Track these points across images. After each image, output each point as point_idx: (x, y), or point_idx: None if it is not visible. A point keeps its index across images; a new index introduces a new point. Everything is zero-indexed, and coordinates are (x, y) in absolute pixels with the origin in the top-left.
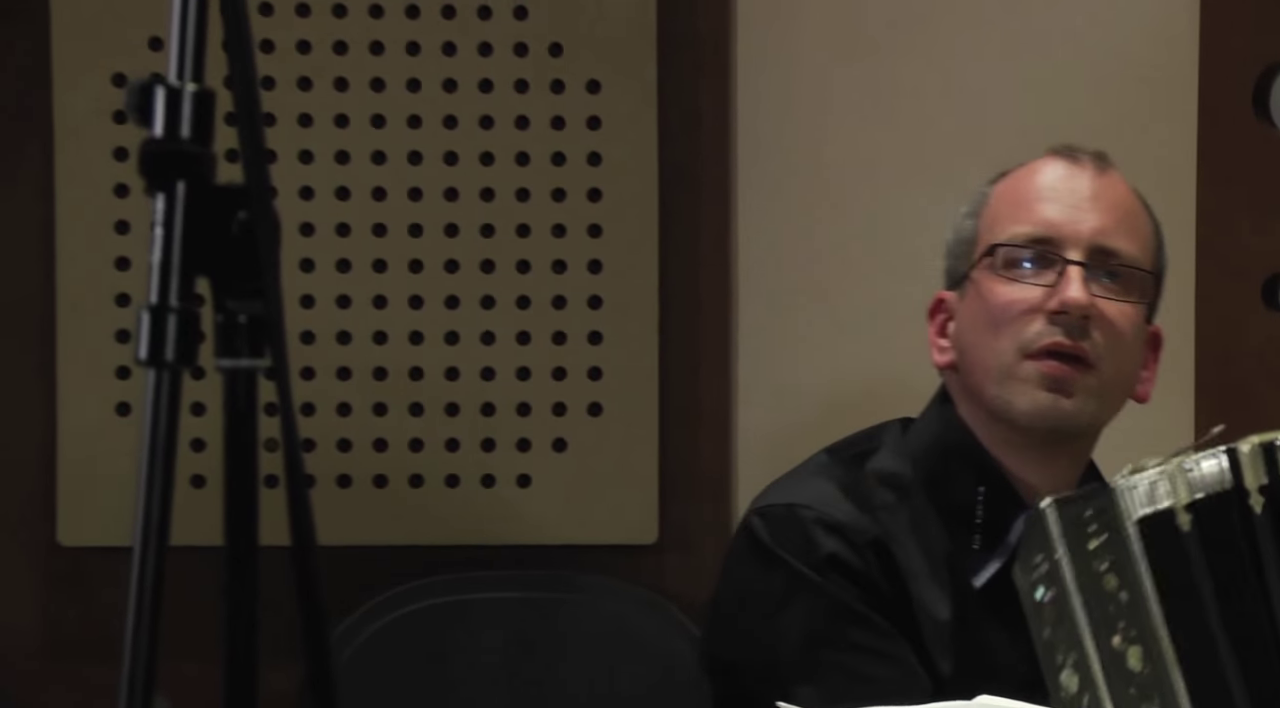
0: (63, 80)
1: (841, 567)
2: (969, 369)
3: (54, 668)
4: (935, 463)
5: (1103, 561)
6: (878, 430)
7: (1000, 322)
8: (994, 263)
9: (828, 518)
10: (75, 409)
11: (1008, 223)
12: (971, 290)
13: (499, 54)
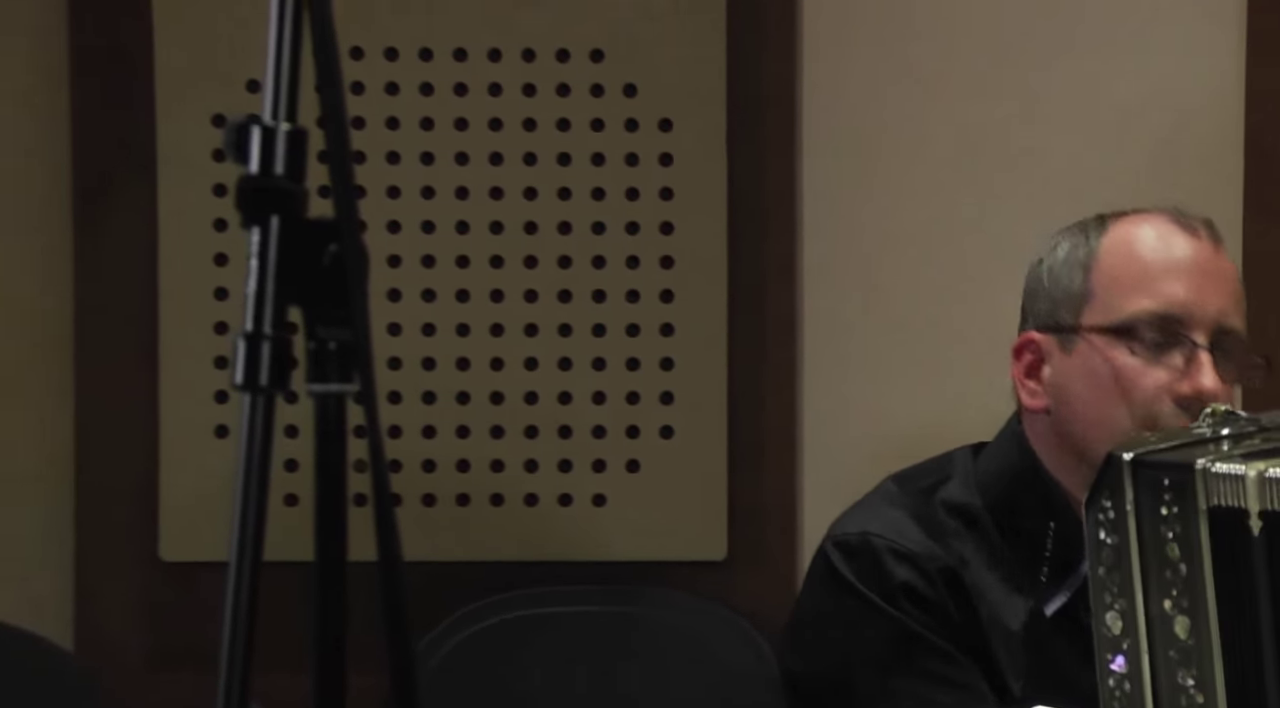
0: (166, 120)
1: (913, 595)
2: (1072, 421)
3: (157, 677)
4: (1006, 495)
5: (1170, 529)
6: (948, 459)
7: (1125, 392)
8: (1116, 331)
9: (899, 547)
10: (177, 431)
11: (1132, 294)
12: (1083, 349)
13: (576, 95)
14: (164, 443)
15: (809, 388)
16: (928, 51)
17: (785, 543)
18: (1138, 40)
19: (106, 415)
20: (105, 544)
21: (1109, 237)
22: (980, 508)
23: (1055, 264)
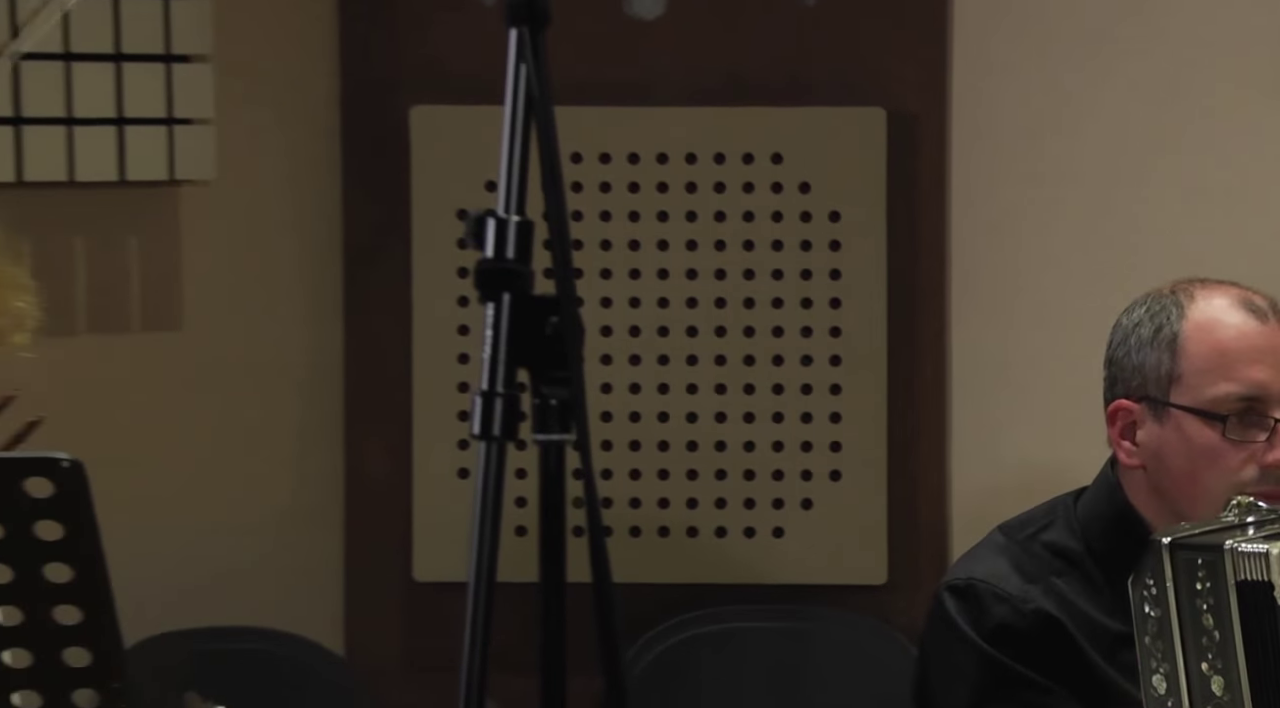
0: (419, 213)
1: (1008, 633)
2: (1168, 483)
3: (411, 677)
4: (1105, 538)
5: (1204, 601)
6: (1050, 507)
7: (1216, 463)
8: (1204, 413)
9: (999, 591)
10: (427, 473)
11: (1218, 380)
12: (1174, 422)
13: (759, 190)
14: (416, 483)
15: (956, 438)
16: (1066, 144)
17: (936, 569)
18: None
19: (370, 461)
20: (369, 567)
21: (1189, 322)
22: (1081, 551)
23: (1141, 340)
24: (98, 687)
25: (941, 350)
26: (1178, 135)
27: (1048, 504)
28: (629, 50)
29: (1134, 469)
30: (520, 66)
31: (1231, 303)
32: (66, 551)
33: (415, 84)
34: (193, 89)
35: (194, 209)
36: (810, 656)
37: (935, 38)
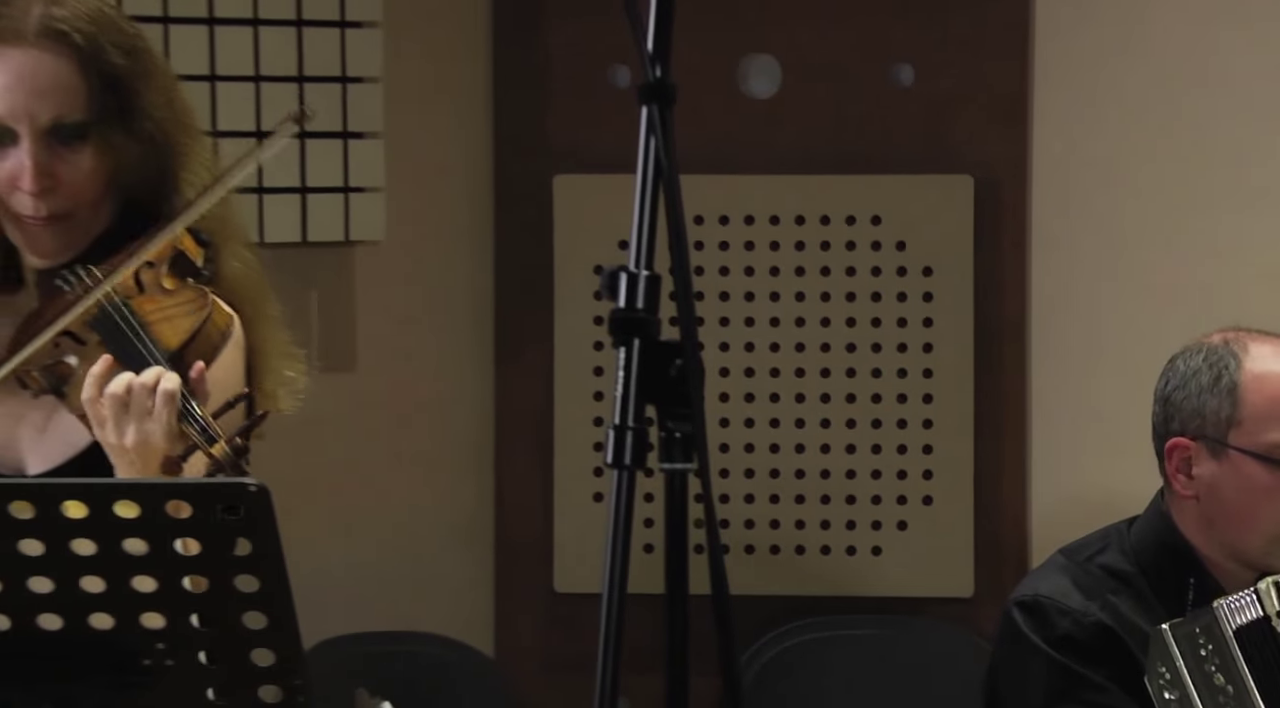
0: (560, 270)
1: (1071, 643)
2: (1222, 516)
3: (552, 677)
4: (1156, 561)
5: (1211, 664)
6: (1105, 533)
7: (1269, 500)
8: (1261, 456)
9: (1063, 605)
10: (566, 496)
11: (1274, 426)
12: (1231, 461)
13: (860, 248)
14: (557, 506)
15: (1035, 467)
16: (1135, 206)
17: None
18: None
19: (516, 487)
20: (516, 579)
21: (1246, 373)
22: (1134, 572)
23: (1201, 386)
24: (281, 684)
25: (1022, 390)
26: (1241, 195)
27: (1102, 531)
28: (746, 125)
29: (1187, 501)
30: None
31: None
32: (254, 564)
33: (558, 156)
34: (366, 161)
35: (366, 266)
36: (904, 661)
37: (1017, 113)
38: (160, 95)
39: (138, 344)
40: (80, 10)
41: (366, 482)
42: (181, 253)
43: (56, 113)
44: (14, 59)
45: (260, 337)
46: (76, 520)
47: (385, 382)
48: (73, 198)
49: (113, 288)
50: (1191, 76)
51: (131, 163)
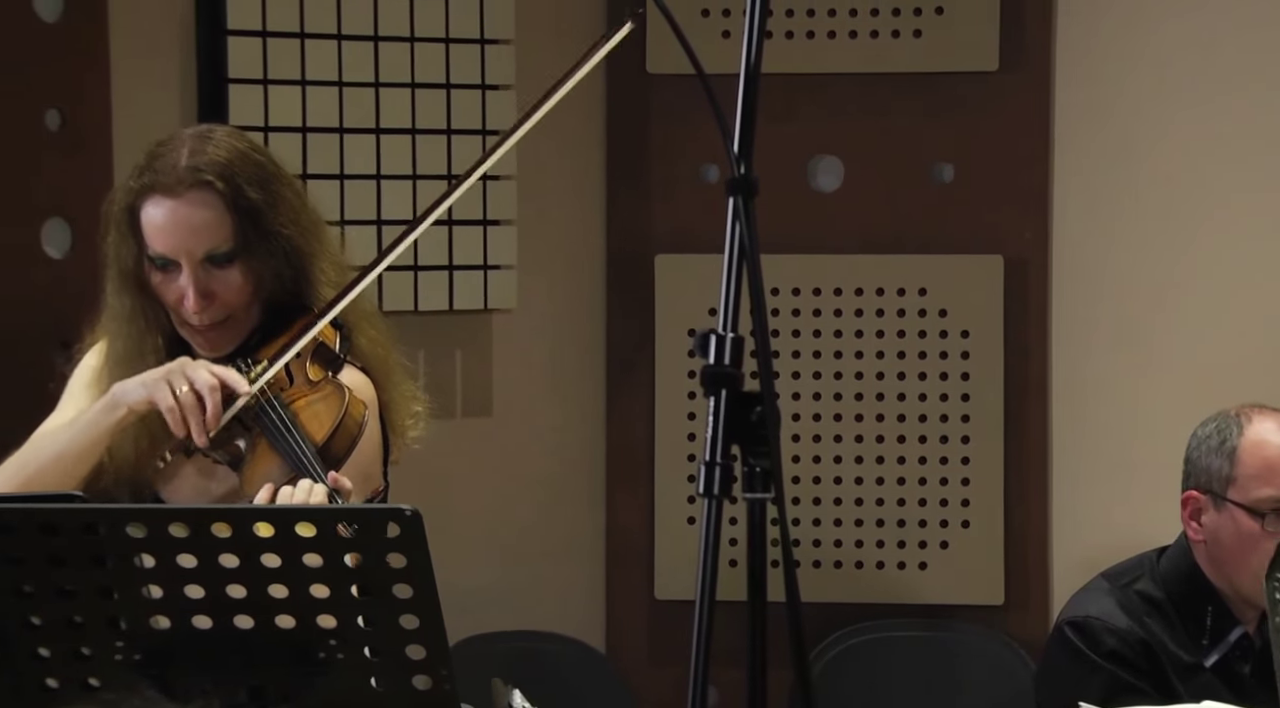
0: (661, 332)
1: (1118, 657)
2: (1221, 556)
3: (654, 673)
4: (1180, 591)
5: None
6: (1139, 561)
7: (1255, 547)
8: (1249, 509)
9: (1110, 625)
10: (665, 519)
11: (1263, 484)
12: (1229, 512)
13: (909, 315)
14: (657, 527)
15: (1055, 497)
16: (1148, 286)
17: (1040, 593)
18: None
19: (624, 511)
20: (623, 588)
21: (1245, 439)
22: (1164, 599)
23: (1210, 448)
24: (430, 674)
25: (1044, 436)
26: (1238, 275)
27: (1136, 559)
28: (815, 213)
29: (1199, 544)
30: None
31: (1278, 423)
32: (408, 575)
33: (659, 238)
34: (502, 244)
35: (501, 330)
36: (944, 658)
37: (1040, 205)
38: (289, 215)
39: (290, 440)
40: (218, 157)
41: (500, 507)
42: (322, 343)
43: (208, 247)
44: (170, 207)
45: (389, 391)
46: (264, 538)
47: (516, 425)
48: (226, 308)
49: (269, 387)
50: (1190, 177)
51: (272, 273)
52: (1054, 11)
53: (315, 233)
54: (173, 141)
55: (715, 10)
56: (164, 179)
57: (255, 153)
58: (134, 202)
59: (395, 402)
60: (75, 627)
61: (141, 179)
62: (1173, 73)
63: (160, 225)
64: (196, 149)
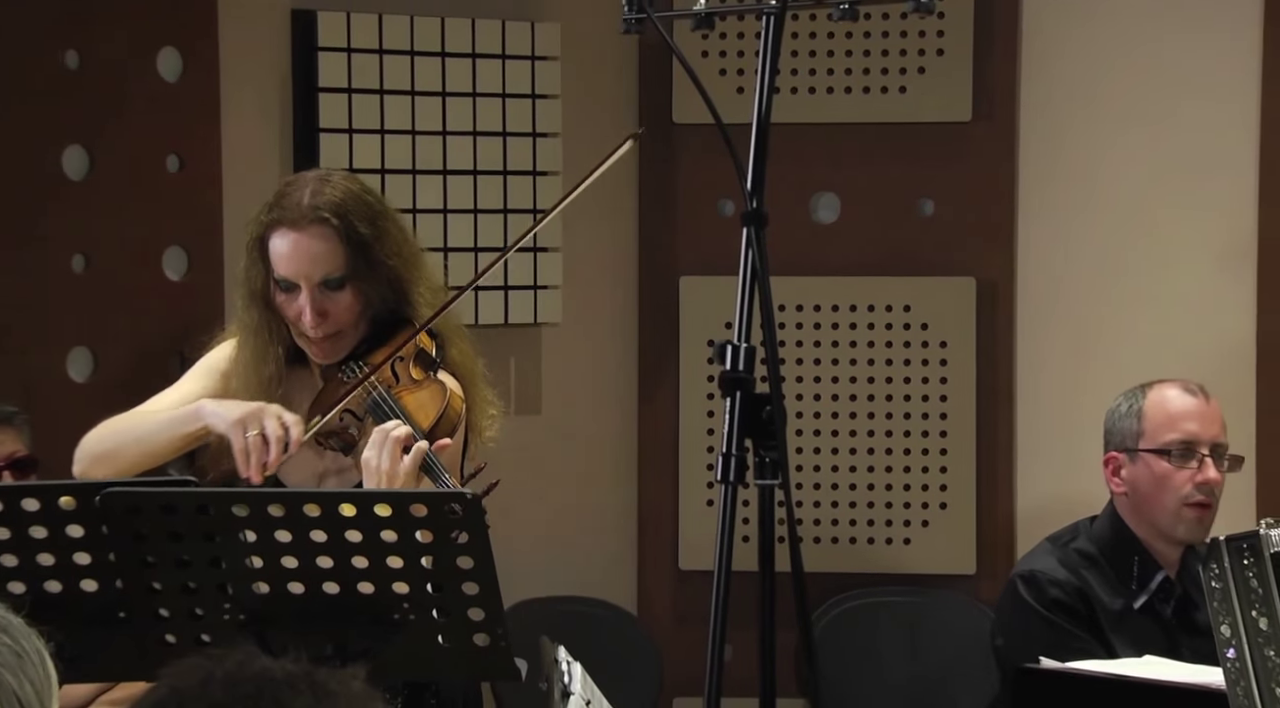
0: (685, 342)
1: (1060, 605)
2: (1141, 502)
3: (680, 632)
4: (1110, 546)
5: (1250, 571)
6: (1076, 526)
7: (1168, 485)
8: (1159, 451)
9: (1052, 578)
10: (688, 502)
11: (1166, 430)
12: (1142, 462)
13: (895, 328)
14: (681, 509)
15: (1020, 482)
16: (1097, 299)
17: (1006, 564)
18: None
19: (653, 494)
20: (653, 559)
21: (1149, 400)
22: (1096, 553)
23: (1122, 414)
24: (488, 632)
25: (1010, 430)
26: (1172, 290)
27: (1073, 524)
28: (816, 241)
29: (1121, 496)
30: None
31: (1175, 387)
32: (469, 549)
33: (684, 262)
34: (550, 267)
35: (549, 341)
36: (925, 618)
37: (1007, 235)
38: (393, 246)
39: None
40: (334, 198)
41: (548, 491)
42: (422, 350)
43: (324, 273)
44: (293, 238)
45: (473, 395)
46: (348, 517)
47: (561, 422)
48: (338, 324)
49: (377, 379)
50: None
51: (377, 295)
52: (1018, 71)
53: (415, 261)
54: (297, 182)
55: (731, 69)
56: (289, 215)
57: (366, 195)
58: (264, 233)
59: (477, 405)
60: (190, 591)
61: (271, 214)
62: (1118, 122)
63: (285, 253)
64: (317, 191)
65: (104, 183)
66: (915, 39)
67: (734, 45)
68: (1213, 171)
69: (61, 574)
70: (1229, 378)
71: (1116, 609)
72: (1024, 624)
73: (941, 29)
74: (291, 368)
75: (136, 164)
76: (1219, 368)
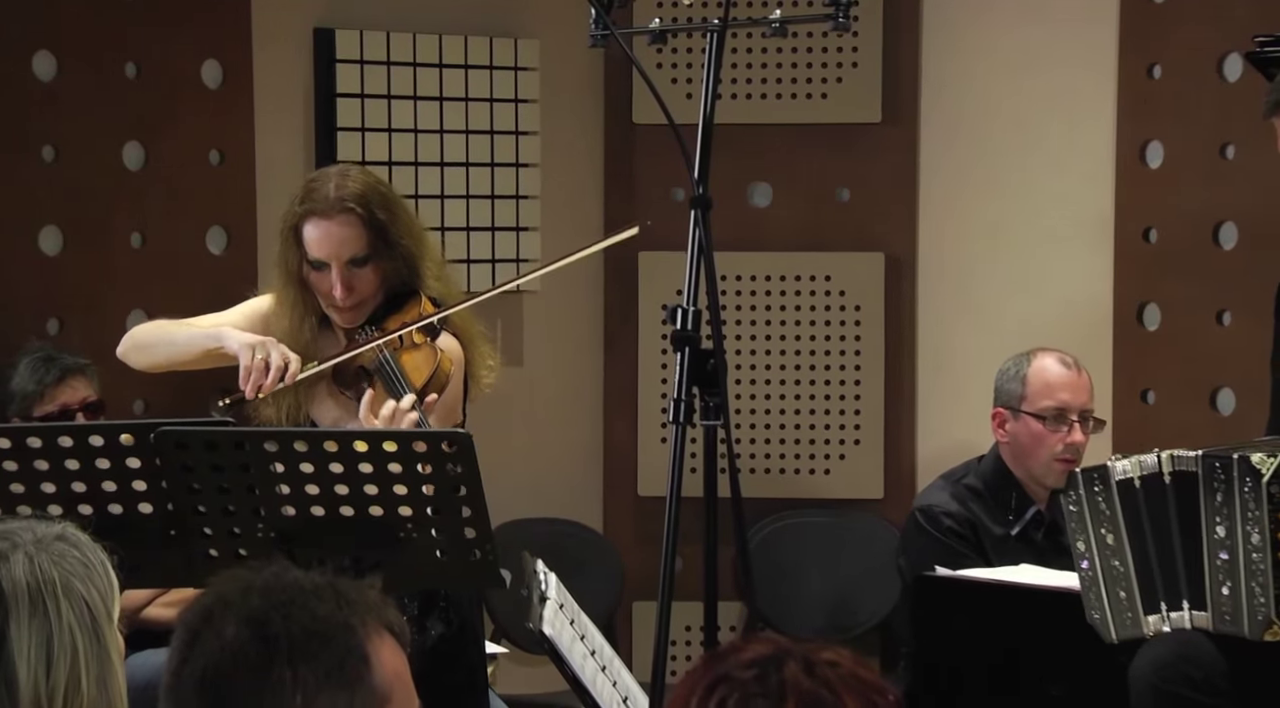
0: (643, 306)
1: (952, 532)
2: (1019, 453)
3: (640, 548)
4: (993, 482)
5: (1100, 497)
6: (966, 465)
7: (1042, 443)
8: (1037, 415)
9: (945, 510)
10: (646, 439)
11: (1043, 398)
12: (1024, 420)
13: (818, 294)
14: (640, 444)
15: (921, 424)
16: (979, 273)
17: (909, 491)
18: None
19: (617, 433)
20: (616, 487)
21: (1032, 368)
22: (982, 488)
23: (1009, 377)
24: (479, 548)
25: (913, 380)
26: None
27: (965, 463)
28: (753, 222)
29: (1004, 444)
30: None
31: (1053, 359)
32: (463, 479)
33: (642, 240)
34: (530, 244)
35: (530, 305)
36: (842, 536)
37: (910, 218)
38: (404, 228)
39: (398, 384)
40: (357, 190)
41: (530, 429)
42: (424, 317)
43: (351, 253)
44: (324, 226)
45: (473, 352)
46: (361, 452)
47: (540, 372)
48: (362, 296)
49: (386, 345)
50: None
51: (393, 270)
52: (919, 81)
53: (422, 240)
54: (321, 177)
55: (681, 78)
56: (319, 206)
57: (380, 185)
58: (297, 223)
59: (475, 359)
60: (229, 514)
61: (303, 206)
62: (1002, 123)
63: (317, 239)
64: (340, 184)
65: (158, 174)
66: (834, 54)
67: (684, 58)
68: (1077, 164)
69: (122, 499)
70: (1090, 340)
71: (998, 535)
72: (921, 547)
73: (855, 45)
74: (321, 331)
75: (184, 158)
76: (1083, 331)
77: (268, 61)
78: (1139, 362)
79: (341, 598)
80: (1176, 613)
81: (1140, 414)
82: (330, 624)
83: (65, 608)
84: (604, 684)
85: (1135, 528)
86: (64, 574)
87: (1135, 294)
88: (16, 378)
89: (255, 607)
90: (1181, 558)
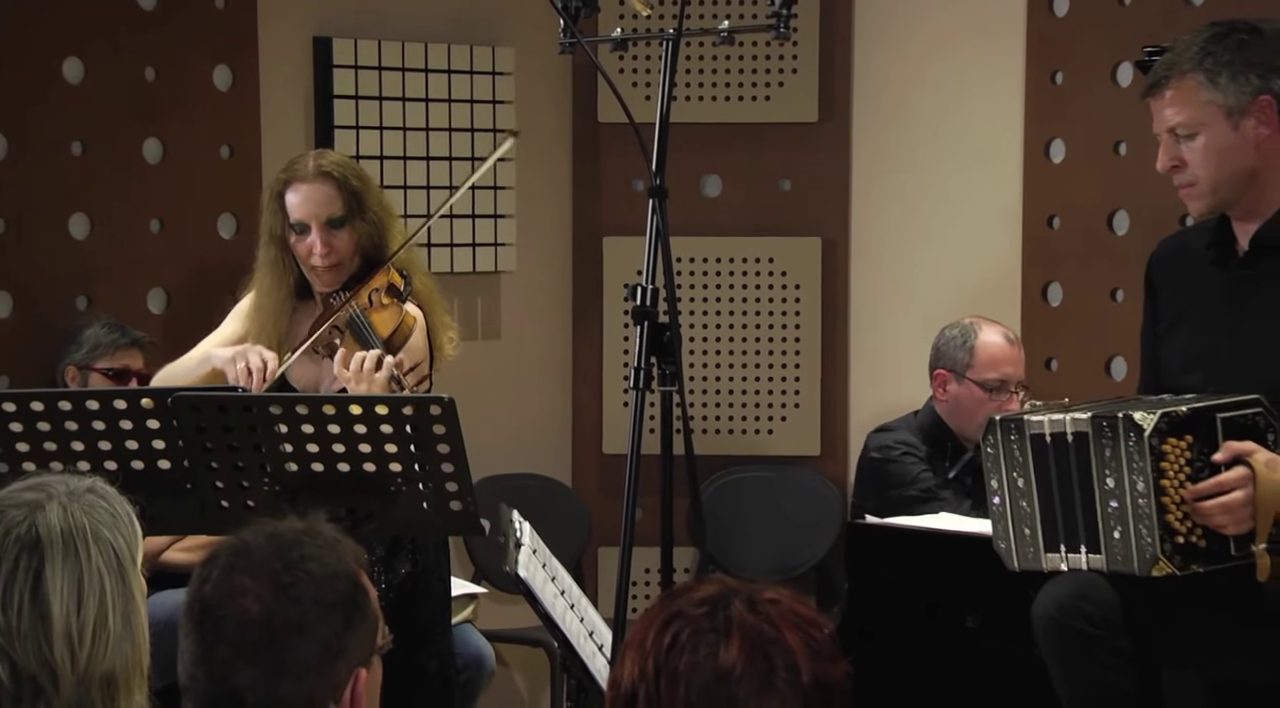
0: (608, 285)
1: (906, 453)
2: (958, 413)
3: (605, 500)
4: (929, 434)
5: (1015, 445)
6: (905, 418)
7: (981, 408)
8: (980, 384)
9: (897, 439)
10: (610, 403)
11: (989, 370)
12: (966, 386)
13: (763, 275)
14: (605, 408)
15: (853, 390)
16: (902, 251)
17: (843, 449)
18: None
19: (584, 398)
20: (584, 446)
21: (980, 340)
22: (919, 442)
23: (956, 344)
24: (461, 501)
25: (846, 349)
26: (976, 237)
27: (903, 417)
28: (704, 210)
29: (942, 404)
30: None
31: (999, 333)
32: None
33: (607, 226)
34: (507, 230)
35: (507, 285)
36: (785, 489)
37: (843, 207)
38: (375, 199)
39: (367, 335)
40: (335, 159)
41: (505, 397)
42: (392, 284)
43: (329, 214)
44: (305, 189)
45: (434, 320)
46: (355, 414)
47: (516, 344)
48: (339, 256)
49: (355, 303)
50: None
51: (365, 236)
52: (851, 84)
53: (391, 216)
54: (302, 155)
55: (641, 82)
56: (299, 173)
57: (353, 163)
58: (281, 189)
59: (437, 327)
60: (239, 469)
61: (284, 174)
62: (925, 122)
63: (298, 201)
64: (318, 156)
65: (174, 166)
66: (776, 60)
67: (643, 64)
68: (989, 159)
69: (143, 456)
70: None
71: (935, 482)
72: (882, 472)
73: (795, 53)
74: (301, 301)
75: (198, 152)
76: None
77: (272, 67)
78: (1044, 334)
79: (327, 542)
80: (1075, 555)
81: (1046, 380)
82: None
83: (95, 553)
84: (572, 620)
85: (1043, 477)
86: (94, 523)
87: (1040, 275)
88: (91, 330)
89: (261, 547)
90: (1080, 506)
